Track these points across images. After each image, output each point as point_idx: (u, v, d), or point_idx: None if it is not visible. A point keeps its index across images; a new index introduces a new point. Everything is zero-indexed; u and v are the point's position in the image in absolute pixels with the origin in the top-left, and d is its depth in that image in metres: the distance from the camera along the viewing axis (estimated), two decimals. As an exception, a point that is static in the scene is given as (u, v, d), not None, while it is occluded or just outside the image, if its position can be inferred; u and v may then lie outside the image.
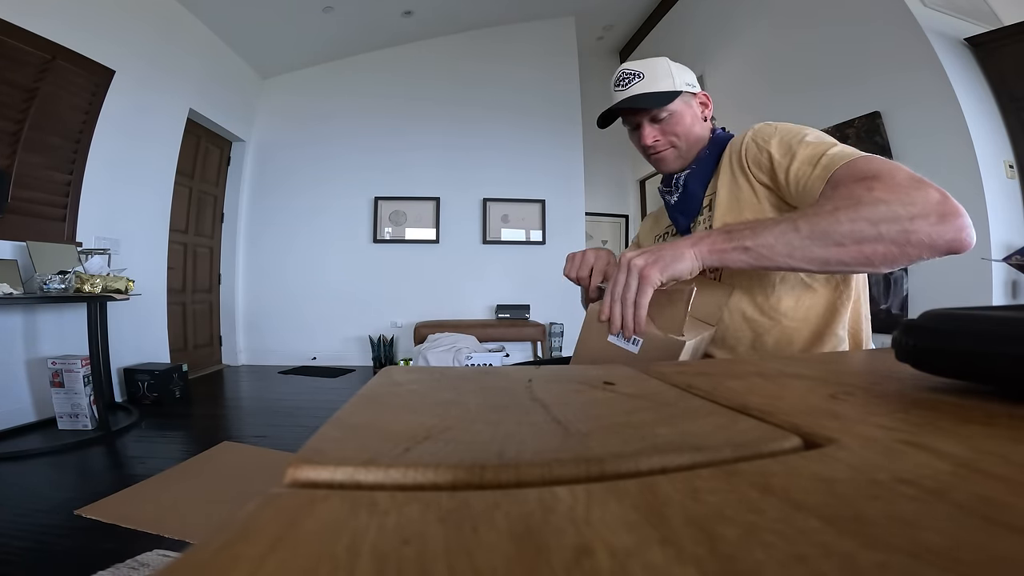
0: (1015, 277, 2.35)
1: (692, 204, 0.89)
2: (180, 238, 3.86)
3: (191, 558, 0.10)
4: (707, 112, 0.91)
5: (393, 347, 4.37)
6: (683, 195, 0.90)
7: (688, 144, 0.88)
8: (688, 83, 0.89)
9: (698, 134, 0.89)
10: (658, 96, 0.86)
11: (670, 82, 0.87)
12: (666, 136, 0.88)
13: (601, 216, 5.73)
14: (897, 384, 0.29)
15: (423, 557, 0.10)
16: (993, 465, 0.15)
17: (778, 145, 0.75)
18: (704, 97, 0.91)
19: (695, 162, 0.89)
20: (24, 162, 2.45)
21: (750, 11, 3.72)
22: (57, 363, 2.32)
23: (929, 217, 0.56)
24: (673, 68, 0.88)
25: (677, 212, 0.92)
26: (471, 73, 4.77)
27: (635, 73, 0.88)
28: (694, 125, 0.88)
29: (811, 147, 0.71)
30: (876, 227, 0.57)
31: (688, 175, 0.89)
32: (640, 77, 0.87)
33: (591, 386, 0.32)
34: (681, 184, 0.90)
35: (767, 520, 0.12)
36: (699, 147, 0.89)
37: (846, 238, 0.58)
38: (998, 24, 2.59)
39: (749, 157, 0.79)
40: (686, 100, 0.88)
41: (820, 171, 0.68)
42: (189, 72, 3.62)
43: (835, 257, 0.59)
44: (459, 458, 0.18)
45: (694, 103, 0.89)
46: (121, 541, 1.33)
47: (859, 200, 0.59)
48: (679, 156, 0.89)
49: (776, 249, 0.60)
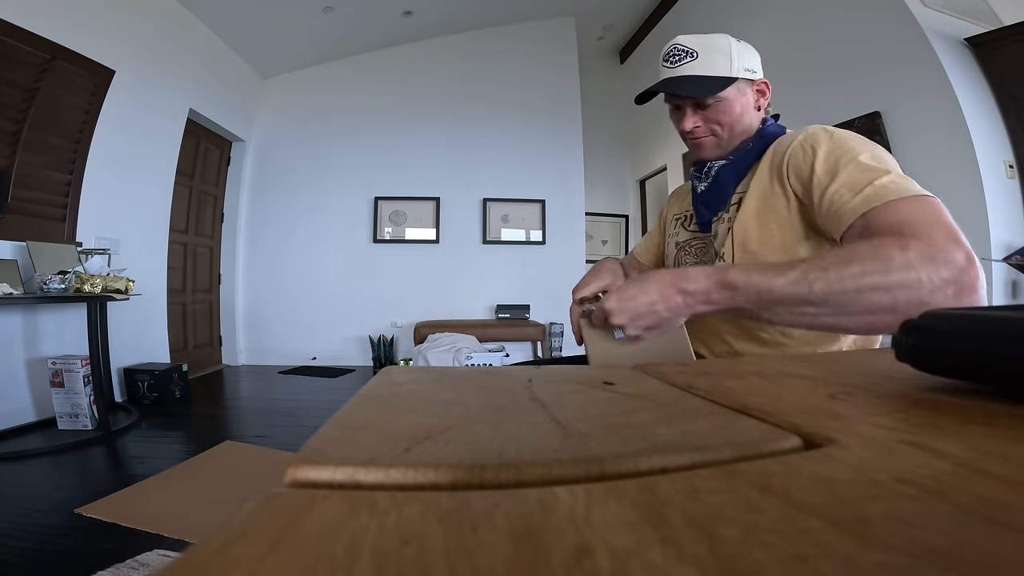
0: (1015, 277, 2.35)
1: (719, 197, 0.82)
2: (180, 238, 3.86)
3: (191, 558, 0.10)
4: (763, 101, 0.82)
5: (393, 347, 4.37)
6: (712, 186, 0.83)
7: (732, 134, 0.81)
8: (749, 68, 0.79)
9: (746, 125, 0.81)
10: (709, 82, 0.77)
11: (727, 65, 0.77)
12: (708, 124, 0.81)
13: (601, 216, 5.73)
14: (897, 384, 0.29)
15: (423, 557, 0.10)
16: (993, 465, 0.15)
17: (824, 159, 0.68)
18: (763, 85, 0.81)
19: (734, 152, 0.82)
20: (24, 162, 2.45)
21: (750, 11, 3.73)
22: (57, 363, 2.32)
23: (948, 289, 0.52)
24: (734, 48, 0.78)
25: (701, 203, 0.86)
26: (471, 73, 4.77)
27: (688, 51, 0.78)
28: (743, 115, 0.80)
29: (859, 170, 0.64)
30: (893, 296, 0.52)
31: (723, 166, 0.82)
32: (693, 56, 0.78)
33: (591, 386, 0.32)
34: (713, 174, 0.83)
35: (767, 520, 0.12)
36: (744, 138, 0.82)
37: (859, 309, 0.53)
38: (998, 24, 2.59)
39: (791, 164, 0.72)
40: (741, 88, 0.79)
41: (859, 202, 0.61)
42: (189, 72, 3.62)
43: (839, 325, 0.55)
44: (459, 458, 0.18)
45: (750, 91, 0.80)
46: (121, 541, 1.33)
47: (888, 263, 0.53)
48: (718, 145, 0.82)
49: (782, 303, 0.55)
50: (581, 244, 4.81)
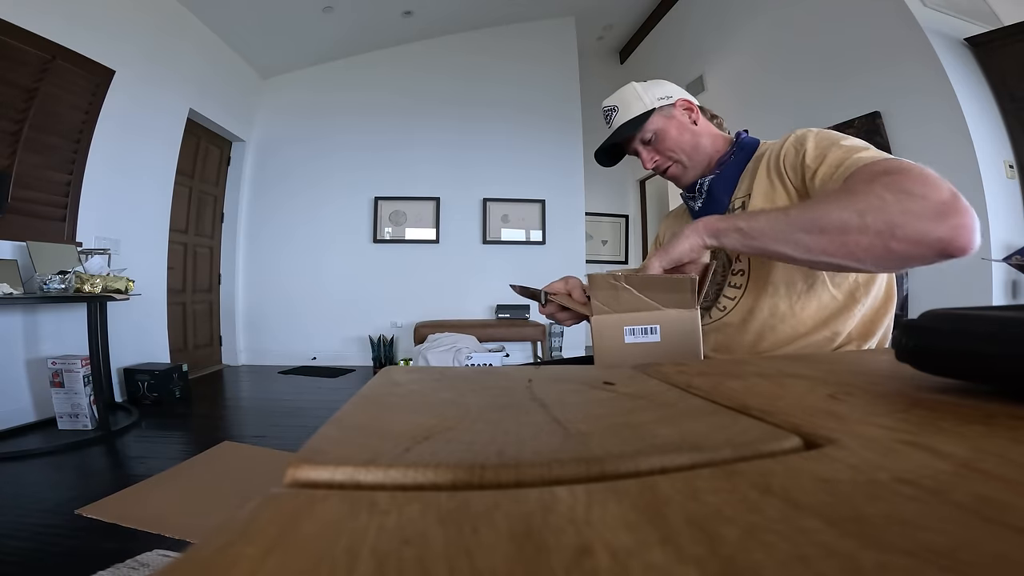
0: (1015, 277, 2.35)
1: (717, 210, 0.86)
2: (180, 238, 3.86)
3: (191, 558, 0.10)
4: (695, 116, 0.89)
5: (393, 347, 4.37)
6: (707, 201, 0.88)
7: (687, 153, 0.88)
8: (660, 97, 0.87)
9: (692, 141, 0.87)
10: (633, 122, 0.86)
11: (640, 104, 0.87)
12: (662, 154, 0.88)
13: (601, 216, 5.73)
14: (897, 384, 0.29)
15: (423, 557, 0.10)
16: (993, 465, 0.15)
17: (812, 149, 0.73)
18: (685, 103, 0.89)
19: (719, 166, 0.87)
20: (24, 162, 2.45)
21: (750, 11, 3.72)
22: (57, 363, 2.32)
23: (925, 212, 0.52)
24: (640, 89, 0.88)
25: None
26: (471, 73, 4.77)
27: (612, 108, 0.90)
28: (683, 134, 0.87)
29: (842, 151, 0.69)
30: (863, 217, 0.54)
31: (712, 180, 0.87)
32: (616, 111, 0.89)
33: (591, 386, 0.32)
34: (705, 190, 0.88)
35: (767, 520, 0.12)
36: (705, 152, 0.88)
37: (830, 226, 0.56)
38: (998, 24, 2.59)
39: (787, 162, 0.77)
40: (665, 114, 0.87)
41: (842, 171, 0.66)
42: (189, 72, 3.62)
43: (818, 246, 0.57)
44: (459, 458, 0.18)
45: (676, 113, 0.88)
46: (121, 541, 1.33)
47: (855, 192, 0.57)
48: (685, 168, 0.89)
49: (766, 232, 0.60)
50: (581, 244, 4.81)
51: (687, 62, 4.53)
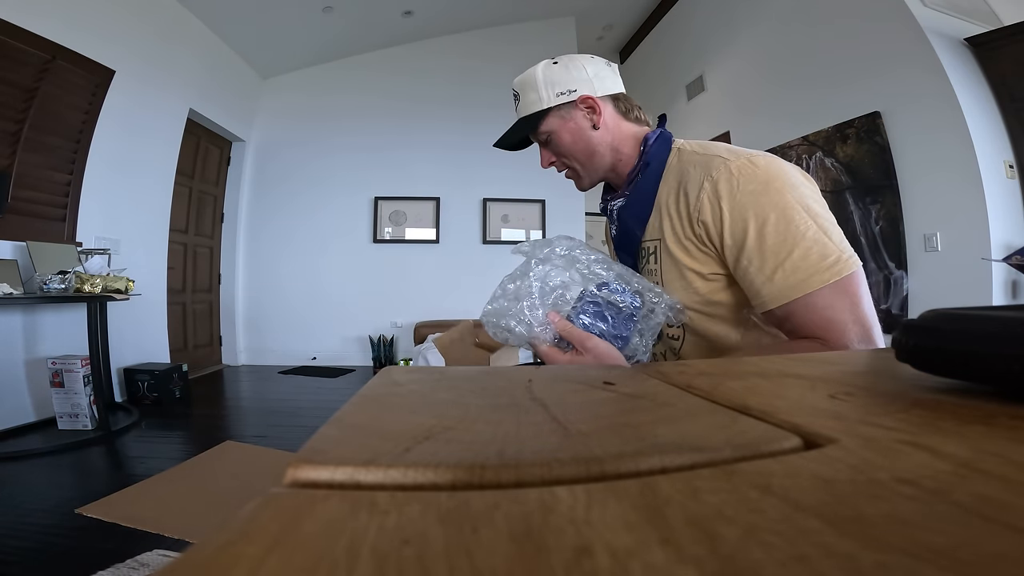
0: (1015, 277, 2.35)
1: (632, 243, 0.76)
2: (180, 238, 3.86)
3: (191, 558, 0.10)
4: (596, 118, 0.74)
5: (393, 347, 4.37)
6: (620, 232, 0.78)
7: (581, 161, 0.77)
8: (560, 92, 0.73)
9: (586, 149, 0.75)
10: (527, 121, 0.76)
11: (537, 99, 0.74)
12: (558, 158, 0.79)
13: (601, 216, 5.72)
14: (897, 384, 0.29)
15: (423, 557, 0.10)
16: (993, 465, 0.15)
17: (730, 220, 0.63)
18: (587, 101, 0.73)
19: (628, 184, 0.76)
20: (24, 162, 2.46)
21: (750, 11, 3.72)
22: (57, 363, 2.32)
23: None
24: (541, 78, 0.74)
25: (619, 249, 0.80)
26: (471, 73, 4.77)
27: (516, 94, 0.78)
28: (576, 142, 0.75)
29: (767, 242, 0.61)
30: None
31: (621, 207, 0.76)
32: (517, 99, 0.78)
33: (591, 386, 0.32)
34: (616, 218, 0.78)
35: (767, 520, 0.12)
36: (603, 162, 0.77)
37: None
38: (998, 24, 2.59)
39: (702, 220, 0.65)
40: (562, 114, 0.74)
41: (775, 291, 0.60)
42: (189, 72, 3.62)
43: None
44: (459, 458, 0.18)
45: (575, 113, 0.74)
46: (121, 541, 1.33)
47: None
48: (580, 176, 0.80)
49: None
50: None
51: (687, 62, 4.53)
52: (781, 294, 0.61)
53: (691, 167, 0.69)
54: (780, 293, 0.61)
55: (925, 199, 2.55)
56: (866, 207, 2.85)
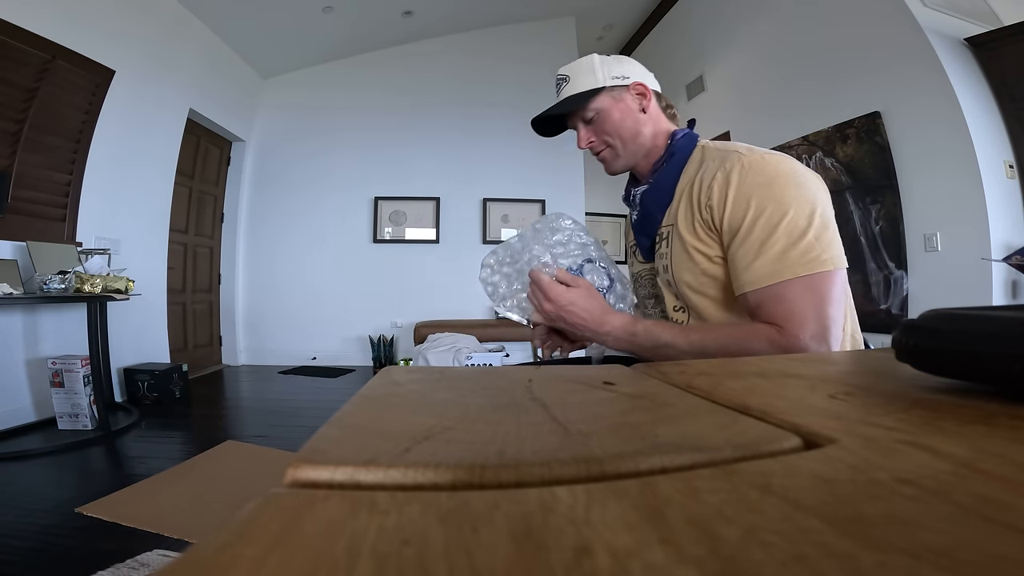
0: (1015, 277, 2.35)
1: (651, 227, 0.83)
2: (180, 238, 3.86)
3: (191, 558, 0.10)
4: (646, 103, 0.82)
5: (393, 347, 4.37)
6: (641, 215, 0.85)
7: (624, 141, 0.82)
8: (616, 76, 0.81)
9: (632, 128, 0.82)
10: (579, 97, 0.81)
11: (592, 79, 0.81)
12: (600, 136, 0.83)
13: (601, 216, 5.73)
14: (897, 384, 0.29)
15: (423, 557, 0.10)
16: (993, 465, 0.15)
17: (731, 207, 0.69)
18: (639, 87, 0.82)
19: (653, 172, 0.83)
20: (24, 162, 2.46)
21: (750, 11, 3.72)
22: (57, 363, 2.32)
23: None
24: (598, 63, 0.82)
25: (639, 232, 0.87)
26: (471, 73, 4.77)
27: (564, 77, 0.84)
28: (625, 120, 0.81)
29: (756, 233, 0.67)
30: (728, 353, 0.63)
31: (645, 192, 0.83)
32: (567, 81, 0.84)
33: (591, 386, 0.32)
34: (639, 202, 0.84)
35: (767, 520, 0.12)
36: (643, 144, 0.83)
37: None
38: (998, 24, 2.59)
39: (711, 205, 0.72)
40: (614, 95, 0.81)
41: (751, 277, 0.67)
42: (189, 72, 3.62)
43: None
44: (459, 458, 0.18)
45: (626, 96, 0.82)
46: (121, 541, 1.33)
47: (750, 349, 0.64)
48: (617, 156, 0.84)
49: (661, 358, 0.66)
50: (581, 244, 4.81)
51: (687, 62, 4.53)
52: (756, 280, 0.66)
53: (710, 160, 0.76)
54: (755, 279, 0.66)
55: (925, 199, 2.55)
56: (866, 207, 2.85)
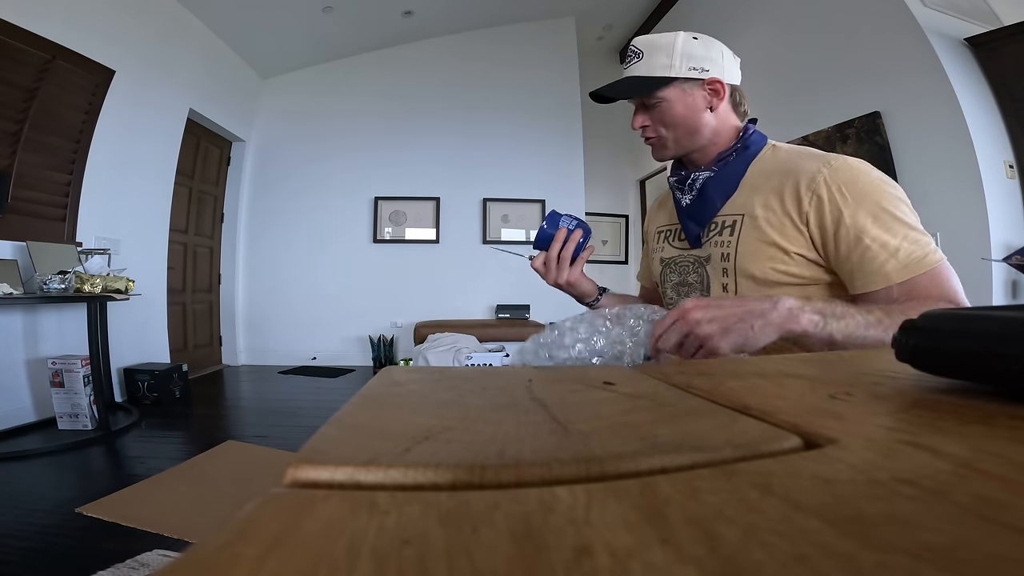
0: (1015, 277, 2.35)
1: (707, 213, 0.80)
2: (180, 238, 3.86)
3: (191, 558, 0.10)
4: (717, 102, 0.79)
5: (393, 347, 4.37)
6: (698, 200, 0.81)
7: (678, 135, 0.80)
8: (695, 67, 0.76)
9: (692, 126, 0.79)
10: (644, 83, 0.77)
11: (666, 65, 0.76)
12: (655, 124, 0.80)
13: (601, 216, 5.72)
14: (897, 384, 0.29)
15: (423, 557, 0.10)
16: (993, 465, 0.15)
17: (855, 206, 0.68)
18: (715, 84, 0.77)
19: (718, 161, 0.80)
20: (24, 162, 2.46)
21: (750, 11, 3.73)
22: (57, 363, 2.32)
23: None
24: (679, 47, 0.76)
25: (688, 218, 0.83)
26: (471, 73, 4.77)
27: (637, 52, 0.78)
28: (688, 117, 0.78)
29: (887, 227, 0.67)
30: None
31: (709, 179, 0.80)
32: (640, 57, 0.78)
33: (591, 386, 0.32)
34: (697, 187, 0.81)
35: (767, 520, 0.12)
36: (698, 143, 0.80)
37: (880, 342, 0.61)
38: (998, 24, 2.59)
39: (814, 202, 0.70)
40: (685, 87, 0.77)
41: (894, 269, 0.67)
42: (189, 72, 3.62)
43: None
44: (459, 458, 0.18)
45: (697, 91, 0.78)
46: (121, 541, 1.33)
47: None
48: (665, 147, 0.82)
49: (838, 337, 0.60)
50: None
51: (687, 62, 4.53)
52: (906, 270, 0.67)
53: (800, 159, 0.75)
54: (905, 269, 0.67)
55: (925, 199, 2.54)
56: (866, 207, 2.85)
